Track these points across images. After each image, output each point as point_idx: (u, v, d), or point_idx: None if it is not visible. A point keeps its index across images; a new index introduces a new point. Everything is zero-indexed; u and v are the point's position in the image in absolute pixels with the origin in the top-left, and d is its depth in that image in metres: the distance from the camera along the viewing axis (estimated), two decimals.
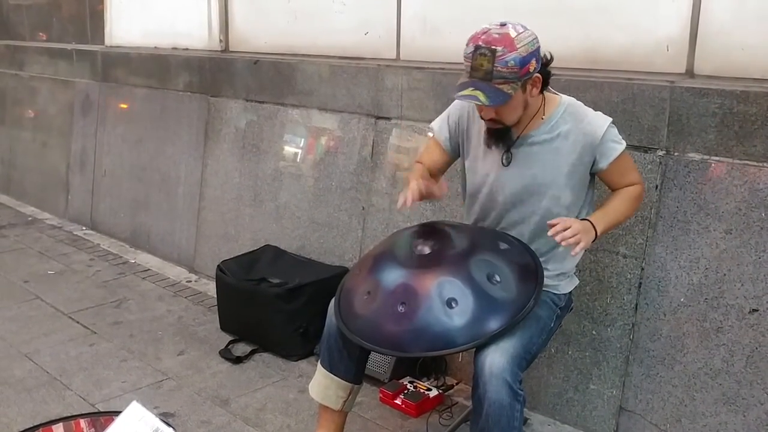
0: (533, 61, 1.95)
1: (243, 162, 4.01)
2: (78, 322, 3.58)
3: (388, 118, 3.28)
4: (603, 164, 2.11)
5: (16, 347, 3.29)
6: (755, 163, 2.23)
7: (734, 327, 2.28)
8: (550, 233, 1.97)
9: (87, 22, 5.54)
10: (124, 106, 4.96)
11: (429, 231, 2.16)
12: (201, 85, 4.29)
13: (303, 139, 3.71)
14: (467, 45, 1.95)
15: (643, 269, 2.47)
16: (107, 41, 5.27)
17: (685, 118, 2.36)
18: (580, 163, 2.11)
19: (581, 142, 2.08)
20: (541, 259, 2.12)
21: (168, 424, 1.99)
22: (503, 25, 1.94)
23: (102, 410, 2.73)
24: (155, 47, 4.82)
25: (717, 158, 2.31)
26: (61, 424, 2.32)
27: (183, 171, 4.41)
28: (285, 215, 3.78)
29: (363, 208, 3.39)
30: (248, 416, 2.75)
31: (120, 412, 2.07)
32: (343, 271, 3.18)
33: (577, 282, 2.31)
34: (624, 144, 2.12)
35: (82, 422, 2.32)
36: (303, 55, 3.85)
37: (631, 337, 2.51)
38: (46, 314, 3.69)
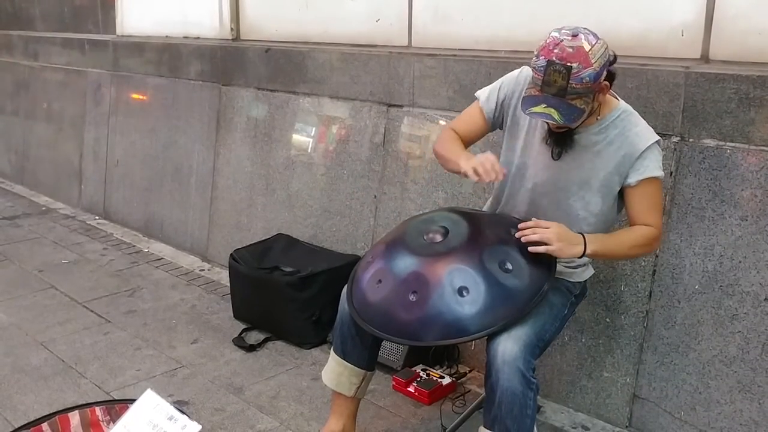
0: (605, 72, 1.93)
1: (255, 151, 4.01)
2: (92, 311, 3.61)
3: (400, 106, 3.27)
4: (632, 179, 2.03)
5: (32, 336, 3.32)
6: None
7: (749, 314, 2.26)
8: (518, 234, 1.97)
9: (98, 12, 5.55)
10: (136, 95, 4.97)
11: (441, 218, 2.15)
12: (212, 74, 4.29)
13: (315, 128, 3.70)
14: (538, 57, 1.89)
15: (657, 256, 2.46)
16: (119, 31, 5.28)
17: (700, 103, 2.34)
18: (616, 172, 2.05)
19: (623, 151, 2.03)
20: None
21: (182, 412, 2.00)
22: (575, 36, 1.88)
23: (117, 398, 2.75)
24: (167, 36, 4.82)
25: (732, 144, 2.29)
26: (76, 412, 2.35)
27: (195, 160, 4.42)
28: (297, 204, 3.78)
29: (375, 197, 3.39)
30: (262, 404, 2.76)
31: (135, 400, 2.09)
32: (355, 260, 3.17)
33: (592, 271, 2.29)
34: (661, 173, 2.04)
35: (98, 410, 2.35)
36: (314, 43, 3.85)
37: (645, 324, 2.50)
38: (61, 303, 3.72)
